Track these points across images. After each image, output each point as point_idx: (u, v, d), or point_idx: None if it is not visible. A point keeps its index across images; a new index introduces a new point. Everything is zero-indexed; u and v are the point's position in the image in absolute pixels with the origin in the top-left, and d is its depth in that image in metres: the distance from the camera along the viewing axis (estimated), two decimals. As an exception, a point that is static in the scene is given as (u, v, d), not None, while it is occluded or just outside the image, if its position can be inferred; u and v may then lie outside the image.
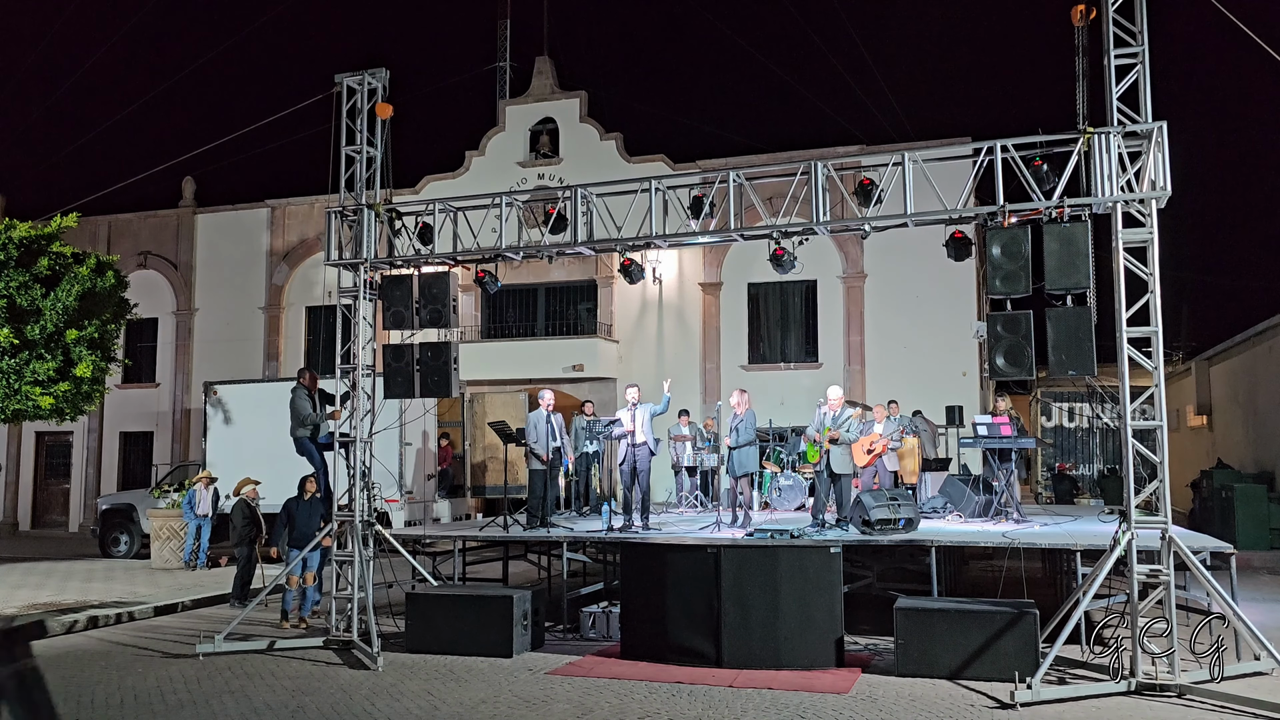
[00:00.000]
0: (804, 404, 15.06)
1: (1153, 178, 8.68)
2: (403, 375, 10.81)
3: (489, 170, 23.87)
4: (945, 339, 20.36)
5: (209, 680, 9.10)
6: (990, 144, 9.29)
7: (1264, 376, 20.16)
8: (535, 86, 24.67)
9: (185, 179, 27.08)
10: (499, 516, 12.95)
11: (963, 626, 8.74)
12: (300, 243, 25.72)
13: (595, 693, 8.45)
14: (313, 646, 10.52)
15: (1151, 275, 8.61)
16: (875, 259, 21.07)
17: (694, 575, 9.50)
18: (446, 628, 10.10)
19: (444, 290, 10.80)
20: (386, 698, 8.39)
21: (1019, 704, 7.79)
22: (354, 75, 11.11)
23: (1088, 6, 9.13)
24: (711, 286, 22.44)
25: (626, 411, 12.20)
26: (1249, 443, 21.37)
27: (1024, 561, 10.39)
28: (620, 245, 10.75)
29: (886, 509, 10.65)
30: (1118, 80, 8.82)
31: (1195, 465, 23.11)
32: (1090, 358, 8.78)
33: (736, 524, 12.02)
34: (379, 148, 11.15)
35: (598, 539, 11.69)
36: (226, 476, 16.16)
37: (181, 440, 25.87)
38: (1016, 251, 8.97)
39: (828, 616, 9.22)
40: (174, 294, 26.71)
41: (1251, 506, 18.03)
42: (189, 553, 16.92)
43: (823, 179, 9.90)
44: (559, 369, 21.98)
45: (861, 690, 8.40)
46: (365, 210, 11.06)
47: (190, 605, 13.48)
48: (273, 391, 18.97)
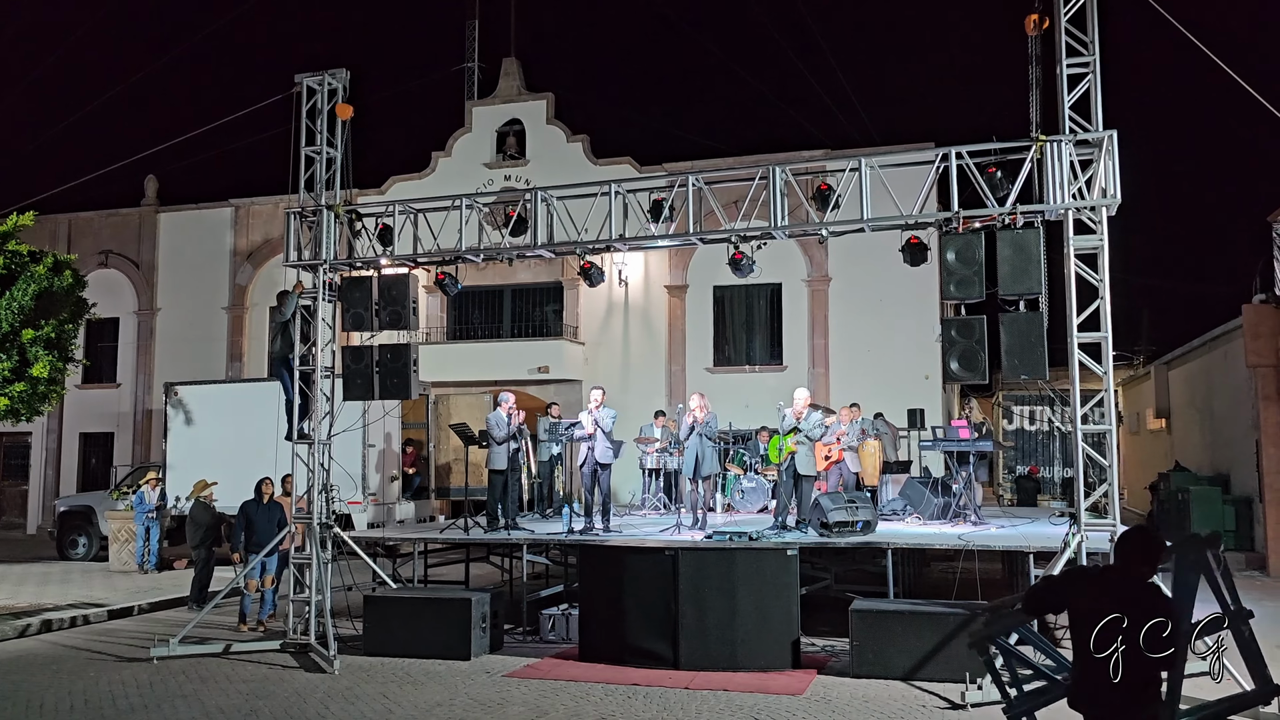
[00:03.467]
0: (768, 407, 15.12)
1: (1103, 185, 8.83)
2: (362, 377, 10.78)
3: (455, 171, 23.77)
4: (908, 342, 20.52)
5: (162, 684, 9.01)
6: (946, 151, 9.41)
7: (1220, 381, 20.49)
8: (502, 88, 24.62)
9: (147, 177, 26.76)
10: (461, 518, 12.92)
11: (917, 628, 8.84)
12: (264, 242, 25.50)
13: (551, 695, 8.46)
14: (269, 650, 10.45)
15: (1102, 281, 8.76)
16: (839, 263, 21.20)
17: (652, 577, 9.54)
18: (405, 630, 10.07)
19: (404, 292, 10.78)
20: (341, 701, 8.36)
21: (969, 704, 7.89)
22: (314, 75, 11.06)
23: (1041, 16, 9.28)
24: (677, 289, 22.49)
25: (588, 414, 12.20)
26: (1205, 446, 21.71)
27: (980, 563, 10.51)
28: (580, 248, 10.77)
29: (844, 511, 10.73)
30: (1070, 89, 8.96)
31: (1155, 468, 23.44)
32: (1042, 362, 8.92)
33: (696, 526, 12.06)
34: (339, 148, 11.11)
35: (558, 541, 11.69)
36: (187, 478, 15.99)
37: (142, 441, 25.55)
38: (971, 257, 9.09)
39: (784, 618, 9.28)
40: (135, 293, 26.39)
41: (1206, 508, 18.31)
42: (140, 555, 16.75)
43: (781, 183, 9.98)
44: (524, 371, 21.93)
45: (816, 691, 8.46)
46: (325, 211, 11.00)
47: (146, 608, 13.34)
48: (236, 393, 18.84)
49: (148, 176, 26.74)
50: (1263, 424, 17.25)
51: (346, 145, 11.13)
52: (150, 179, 26.78)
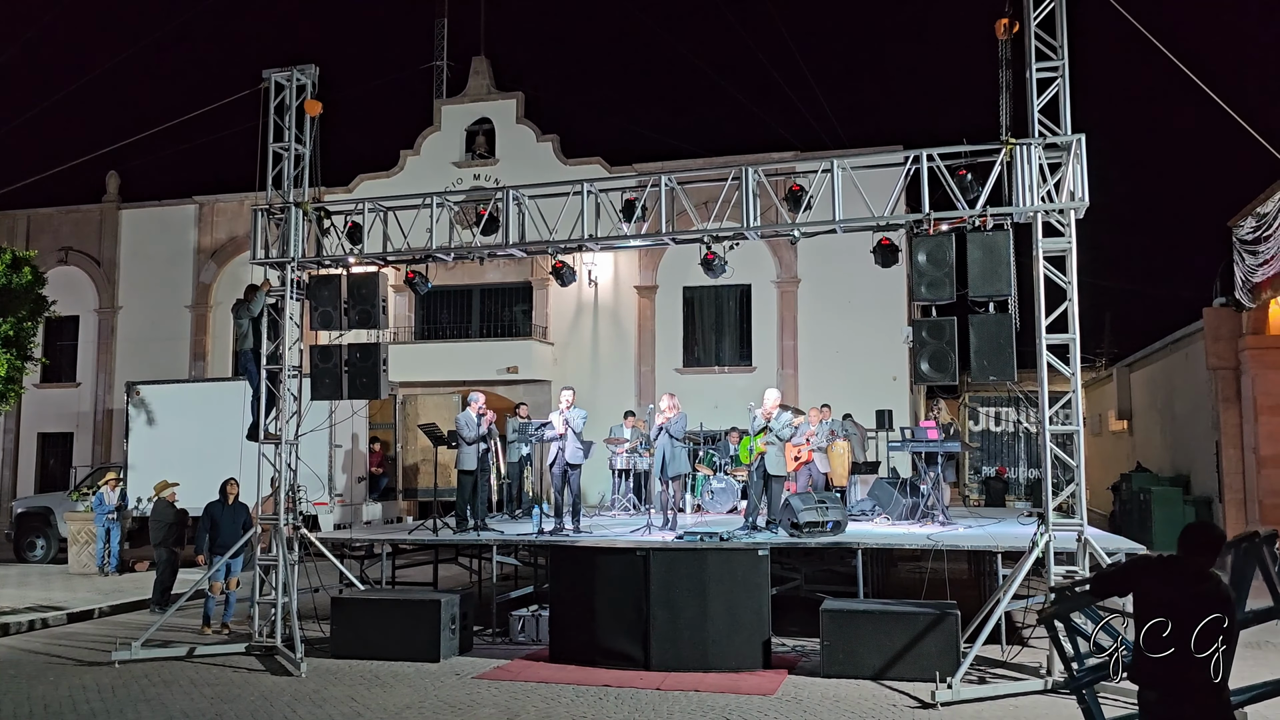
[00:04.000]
0: (738, 407, 15.16)
1: (1072, 188, 8.91)
2: (330, 376, 10.65)
3: (424, 170, 23.62)
4: (876, 344, 20.66)
5: (124, 688, 8.85)
6: (917, 153, 9.46)
7: (1181, 383, 20.83)
8: (472, 86, 24.50)
9: (109, 173, 26.33)
10: (429, 519, 12.82)
11: (886, 628, 8.88)
12: (229, 240, 25.19)
13: (522, 697, 8.41)
14: (234, 653, 10.30)
15: (1070, 284, 8.84)
16: (809, 264, 21.30)
17: (623, 578, 9.51)
18: (373, 632, 9.96)
19: (373, 291, 10.68)
20: (308, 704, 8.25)
21: (939, 703, 7.94)
22: (282, 71, 10.93)
23: (1011, 21, 9.35)
24: (647, 289, 22.48)
25: (558, 414, 12.15)
26: (1167, 447, 22.06)
27: (949, 563, 10.60)
28: (552, 247, 10.72)
29: (815, 511, 10.76)
30: (1039, 93, 9.05)
31: (1117, 469, 23.78)
32: (1011, 364, 8.99)
33: (667, 526, 12.05)
34: (308, 145, 10.98)
35: (528, 542, 11.63)
36: (149, 479, 15.74)
37: (103, 442, 25.14)
38: (941, 259, 9.14)
39: (755, 618, 9.29)
40: (96, 291, 25.96)
41: (1167, 508, 18.61)
42: (100, 557, 16.48)
43: (754, 184, 9.98)
44: (494, 371, 21.84)
45: (787, 691, 8.47)
46: (293, 208, 10.87)
47: (107, 611, 13.10)
48: (198, 392, 18.56)
49: (109, 172, 26.33)
50: (1223, 425, 17.55)
51: (315, 142, 11.01)
52: (112, 175, 26.37)
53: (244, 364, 11.29)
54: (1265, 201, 15.45)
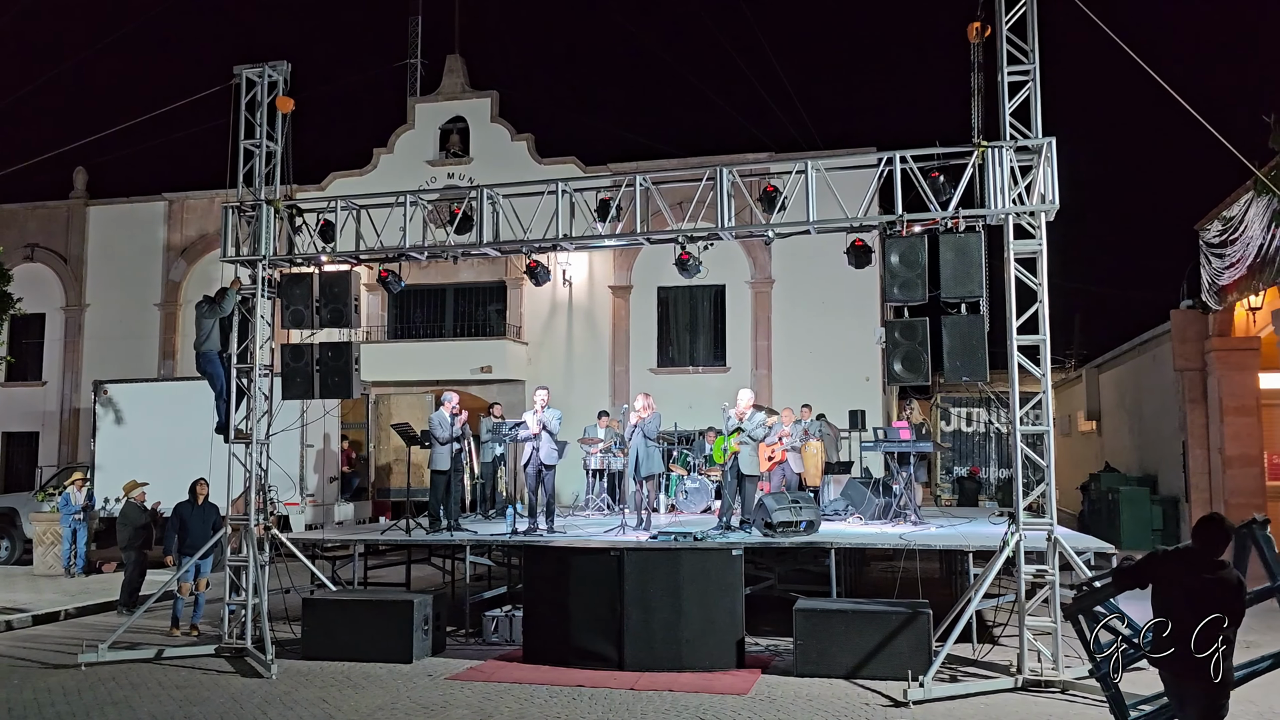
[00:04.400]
0: (712, 408, 15.18)
1: (1042, 191, 9.00)
2: (302, 376, 10.57)
3: (398, 168, 23.48)
4: (849, 344, 20.77)
5: (90, 691, 8.74)
6: (890, 155, 9.52)
7: (1148, 384, 21.09)
8: (446, 85, 24.38)
9: (76, 169, 25.98)
10: (402, 520, 12.75)
11: (859, 627, 8.92)
12: (199, 238, 24.92)
13: (495, 697, 8.38)
14: (204, 655, 10.19)
15: (1040, 285, 8.93)
16: (783, 265, 21.37)
17: (597, 578, 9.49)
18: (344, 634, 9.89)
19: (345, 289, 10.61)
20: (279, 706, 8.17)
21: (912, 702, 7.99)
22: (254, 68, 10.83)
23: (983, 25, 9.42)
24: (621, 289, 22.47)
25: (532, 414, 12.12)
26: (1134, 447, 22.32)
27: (921, 562, 10.68)
28: (526, 247, 10.69)
29: (788, 511, 10.80)
30: (1010, 96, 9.12)
31: (1086, 469, 24.04)
32: (983, 365, 9.05)
33: (641, 526, 12.05)
34: (279, 142, 10.88)
35: (501, 542, 11.59)
36: (117, 479, 15.55)
37: (70, 441, 24.79)
38: (914, 260, 9.20)
39: (729, 618, 9.30)
40: (63, 289, 25.61)
41: (1135, 508, 18.84)
42: (66, 558, 16.26)
43: (728, 185, 10.00)
44: (467, 370, 21.73)
45: (761, 691, 8.50)
46: (264, 206, 10.78)
47: (74, 613, 12.93)
48: (168, 391, 18.35)
49: (77, 168, 25.98)
50: (1189, 426, 17.79)
51: (287, 139, 10.91)
52: (79, 171, 26.02)
53: (204, 364, 11.12)
54: (1231, 205, 15.67)
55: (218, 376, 11.04)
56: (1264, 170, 12.99)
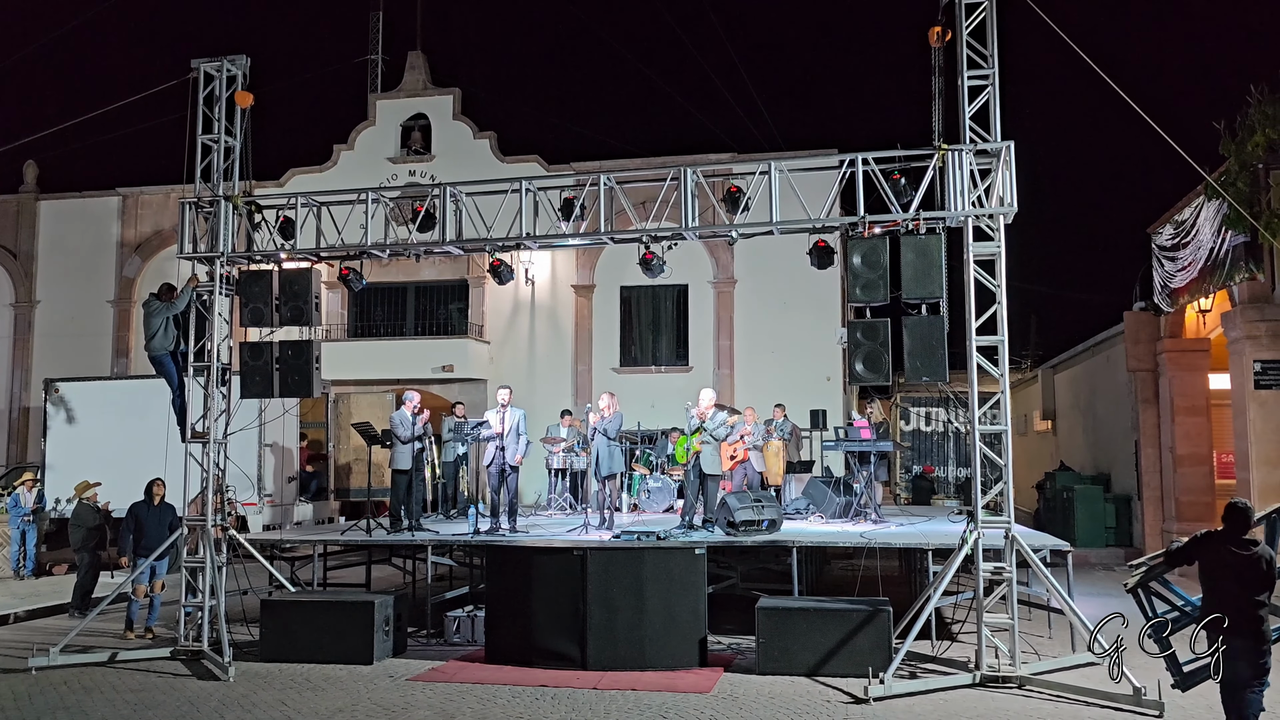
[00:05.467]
0: (675, 407, 15.20)
1: (1001, 194, 9.12)
2: (261, 374, 10.45)
3: (358, 165, 23.25)
4: (810, 344, 20.90)
5: (41, 696, 8.57)
6: (853, 157, 9.59)
7: (1102, 384, 21.44)
8: (407, 81, 24.19)
9: (27, 163, 25.41)
10: (362, 520, 12.63)
11: (821, 625, 8.99)
12: (155, 234, 24.51)
13: (457, 698, 8.34)
14: (159, 657, 10.04)
15: (999, 287, 9.05)
16: (745, 265, 21.46)
17: (560, 578, 9.48)
18: (304, 635, 9.79)
19: (306, 287, 10.49)
20: (237, 709, 8.07)
21: (872, 698, 8.07)
22: (212, 61, 10.68)
23: (943, 29, 9.53)
24: (584, 289, 22.44)
25: (496, 413, 12.07)
26: (1088, 446, 22.69)
27: (881, 561, 10.77)
28: (490, 245, 10.65)
29: (751, 510, 10.85)
30: (970, 100, 9.24)
31: (1041, 468, 24.38)
32: (942, 365, 9.16)
33: (603, 526, 12.04)
34: (238, 137, 10.74)
35: (464, 542, 11.53)
36: (68, 479, 15.25)
37: (19, 441, 24.27)
38: (876, 261, 9.29)
39: (691, 617, 9.33)
40: (13, 285, 25.05)
41: (1089, 506, 19.12)
42: (15, 560, 15.93)
43: (692, 185, 10.03)
44: (428, 369, 21.59)
45: (723, 689, 8.53)
46: (222, 202, 10.63)
47: (23, 616, 12.66)
48: (122, 390, 18.02)
49: (27, 162, 25.40)
50: (1141, 425, 18.12)
51: (246, 134, 10.77)
52: (30, 165, 25.45)
53: (156, 366, 10.95)
54: (1183, 209, 15.98)
55: (171, 375, 10.87)
56: (1214, 175, 13.26)
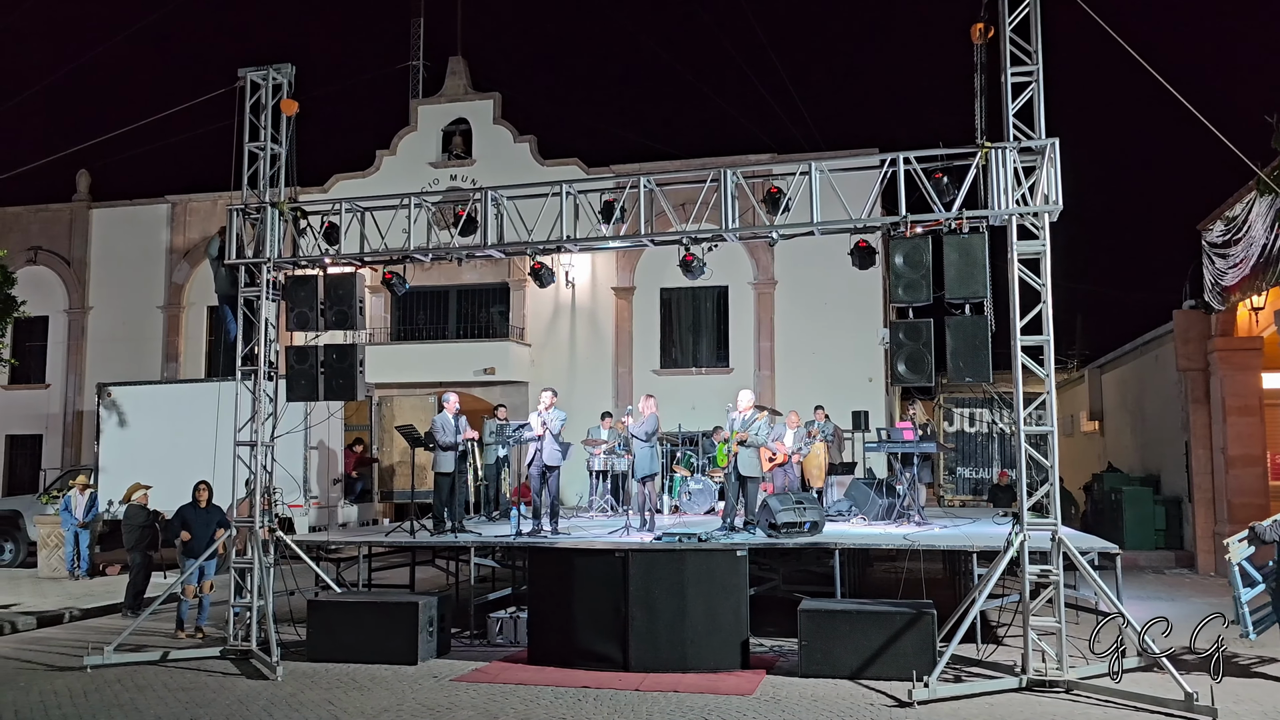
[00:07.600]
0: (715, 409, 15.21)
1: (1045, 192, 9.00)
2: (306, 378, 10.59)
3: (400, 170, 23.51)
4: (852, 345, 20.77)
5: (97, 694, 8.75)
6: (894, 156, 9.52)
7: (1151, 384, 21.05)
8: (448, 86, 24.41)
9: (80, 172, 26.01)
10: (406, 522, 12.75)
11: (864, 627, 8.92)
12: (203, 240, 24.89)
13: (501, 699, 8.39)
14: (209, 657, 10.21)
15: (1044, 286, 8.93)
16: (785, 266, 21.38)
17: (601, 579, 9.50)
18: (349, 635, 9.90)
19: (350, 291, 10.63)
20: (285, 708, 8.19)
21: (916, 702, 7.99)
22: (258, 70, 10.86)
23: (986, 25, 9.42)
24: (624, 291, 22.49)
25: (537, 416, 12.13)
26: (1137, 447, 22.29)
27: (925, 563, 10.67)
28: (530, 248, 10.71)
29: (793, 512, 10.80)
30: (1013, 97, 9.12)
31: (1088, 469, 24.00)
32: (986, 365, 9.05)
33: (645, 528, 12.06)
34: (284, 145, 10.90)
35: (506, 544, 11.60)
36: (121, 481, 15.56)
37: (73, 444, 24.83)
38: (918, 261, 9.21)
39: (733, 619, 9.31)
40: (66, 291, 25.65)
41: (1138, 508, 18.80)
42: (70, 561, 16.29)
43: (732, 186, 10.02)
44: (470, 372, 21.76)
45: (766, 691, 8.50)
46: (269, 208, 10.80)
47: (78, 615, 12.95)
48: (172, 393, 18.37)
49: (80, 171, 26.01)
50: (1192, 426, 17.76)
51: (291, 142, 10.93)
52: (82, 173, 26.05)
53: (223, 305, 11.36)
54: (1234, 205, 15.64)
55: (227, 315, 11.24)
56: (1267, 170, 12.98)
